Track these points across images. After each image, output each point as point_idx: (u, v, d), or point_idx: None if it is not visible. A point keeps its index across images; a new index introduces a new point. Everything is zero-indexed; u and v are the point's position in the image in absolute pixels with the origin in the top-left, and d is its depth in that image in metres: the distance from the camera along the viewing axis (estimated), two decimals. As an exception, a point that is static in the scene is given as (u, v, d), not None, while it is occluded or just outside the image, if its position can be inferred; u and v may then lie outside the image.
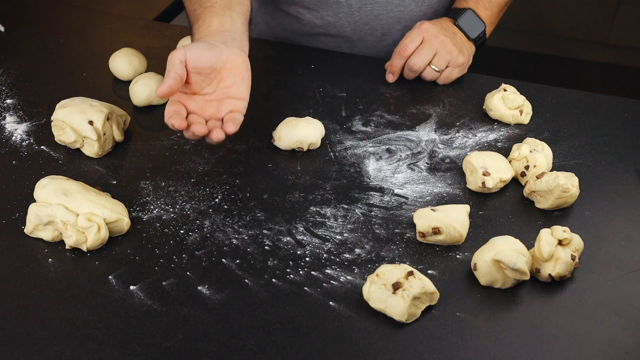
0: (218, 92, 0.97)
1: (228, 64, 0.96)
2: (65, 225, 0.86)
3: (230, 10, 1.03)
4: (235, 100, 0.98)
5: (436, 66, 1.19)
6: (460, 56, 1.19)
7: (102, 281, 0.84)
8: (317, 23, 1.32)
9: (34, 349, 0.76)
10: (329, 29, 1.33)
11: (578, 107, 1.18)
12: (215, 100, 0.97)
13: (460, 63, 1.20)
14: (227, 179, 1.01)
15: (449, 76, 1.21)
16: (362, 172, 1.03)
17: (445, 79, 1.21)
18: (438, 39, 1.17)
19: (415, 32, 1.19)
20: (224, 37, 0.99)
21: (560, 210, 0.96)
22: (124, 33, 1.37)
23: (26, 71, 1.24)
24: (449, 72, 1.20)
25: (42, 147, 1.06)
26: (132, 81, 1.16)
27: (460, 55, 1.19)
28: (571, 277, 0.86)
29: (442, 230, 0.89)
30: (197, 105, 0.96)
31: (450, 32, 1.20)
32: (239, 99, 0.98)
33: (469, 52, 1.22)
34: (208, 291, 0.83)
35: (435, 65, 1.19)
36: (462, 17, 1.22)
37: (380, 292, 0.80)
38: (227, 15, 1.02)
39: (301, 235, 0.92)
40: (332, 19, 1.30)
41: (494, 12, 1.25)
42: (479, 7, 1.24)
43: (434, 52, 1.18)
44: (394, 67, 1.20)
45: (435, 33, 1.18)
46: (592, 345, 0.79)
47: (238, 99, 0.98)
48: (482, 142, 1.09)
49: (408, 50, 1.18)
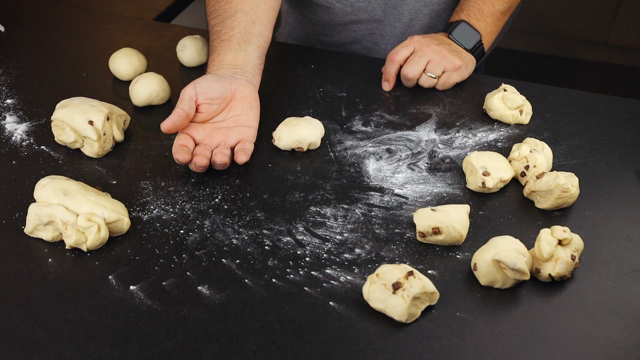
0: (227, 120, 1.03)
1: (237, 94, 1.02)
2: (65, 225, 0.86)
3: (247, 44, 1.07)
4: (245, 128, 1.03)
5: (431, 72, 1.17)
6: (456, 60, 1.18)
7: (102, 281, 0.84)
8: (347, 10, 1.32)
9: (34, 349, 0.76)
10: (360, 14, 1.33)
11: (578, 107, 1.18)
12: (224, 127, 1.03)
13: (458, 66, 1.18)
14: (227, 179, 1.01)
15: (447, 81, 1.19)
16: (362, 172, 1.03)
17: (444, 84, 1.19)
18: (430, 47, 1.17)
19: (406, 42, 1.19)
20: (234, 70, 1.04)
21: (560, 210, 0.96)
22: (124, 33, 1.37)
23: (26, 71, 1.24)
24: (446, 76, 1.18)
25: (42, 147, 1.06)
26: (132, 81, 1.16)
27: (457, 59, 1.18)
28: (571, 277, 0.86)
29: (442, 230, 0.89)
30: (205, 134, 1.02)
31: (444, 42, 1.20)
32: (248, 126, 1.04)
33: (468, 59, 1.21)
34: (208, 291, 0.83)
35: (430, 72, 1.17)
36: (455, 30, 1.22)
37: (380, 292, 0.80)
38: (242, 50, 1.06)
39: (301, 235, 0.92)
40: (362, 4, 1.31)
41: (487, 22, 1.24)
42: (471, 18, 1.23)
43: (427, 60, 1.17)
44: (388, 73, 1.20)
45: (426, 42, 1.18)
46: (592, 345, 0.79)
47: (247, 127, 1.04)
48: (482, 142, 1.09)
49: (399, 55, 1.18)
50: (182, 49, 1.25)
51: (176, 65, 1.27)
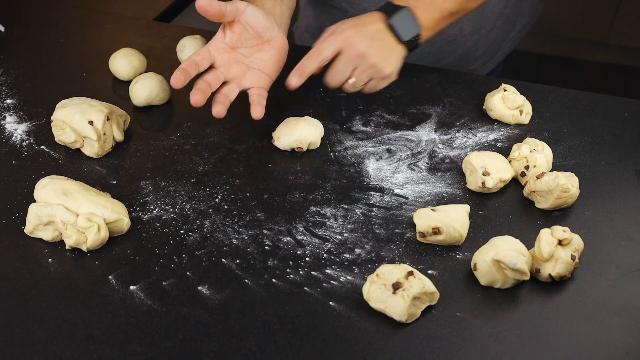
0: (252, 59, 1.02)
1: (273, 41, 1.02)
2: (65, 225, 0.86)
3: (281, 1, 1.07)
4: (265, 76, 1.03)
5: (357, 80, 1.03)
6: (385, 67, 1.02)
7: (102, 281, 0.84)
8: None
9: (34, 349, 0.76)
10: None
11: (578, 107, 1.18)
12: (246, 65, 1.02)
13: (386, 75, 1.03)
14: (227, 179, 1.01)
15: (373, 88, 1.06)
16: (362, 172, 1.03)
17: (370, 90, 1.06)
18: (358, 52, 1.00)
19: (333, 39, 1.01)
20: (275, 19, 1.03)
21: (560, 210, 0.96)
22: (124, 33, 1.37)
23: (26, 71, 1.24)
24: (373, 84, 1.05)
25: (42, 147, 1.06)
26: (132, 81, 1.16)
27: (386, 66, 1.02)
28: (571, 277, 0.86)
29: (442, 230, 0.89)
30: (225, 61, 1.01)
31: (375, 38, 1.01)
32: (268, 75, 1.03)
33: (397, 59, 1.04)
34: (208, 291, 0.83)
35: (356, 79, 1.03)
36: (396, 15, 1.03)
37: (380, 292, 0.80)
38: (278, 4, 1.06)
39: (301, 235, 0.92)
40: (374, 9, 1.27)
41: (434, 16, 1.06)
42: (419, 7, 1.04)
43: (353, 67, 1.02)
44: (305, 68, 1.01)
45: (356, 41, 1.00)
46: (592, 345, 0.79)
47: (267, 75, 1.03)
48: (482, 142, 1.09)
49: (325, 54, 1.00)
50: (182, 49, 1.25)
51: (176, 65, 1.26)
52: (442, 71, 1.26)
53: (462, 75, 1.25)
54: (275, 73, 1.04)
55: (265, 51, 1.02)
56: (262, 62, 1.02)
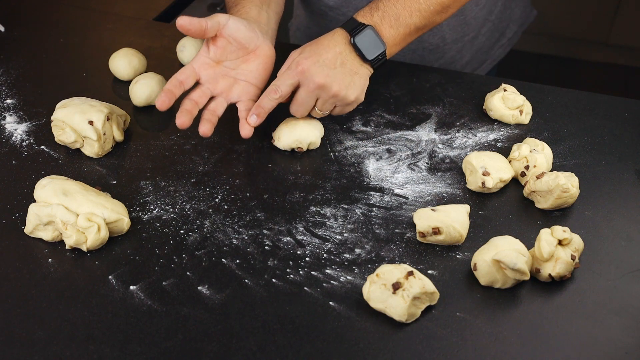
0: (238, 71, 1.02)
1: (259, 50, 1.01)
2: (65, 225, 0.86)
3: (267, 7, 1.06)
4: (252, 87, 1.02)
5: (320, 109, 1.03)
6: (348, 94, 1.00)
7: (102, 281, 0.84)
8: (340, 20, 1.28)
9: (34, 349, 0.76)
10: None
11: (578, 107, 1.18)
12: (232, 77, 1.01)
13: (350, 101, 1.01)
14: (227, 179, 1.01)
15: (341, 112, 1.05)
16: (362, 172, 1.03)
17: (339, 114, 1.06)
18: (317, 84, 0.97)
19: (289, 74, 0.99)
20: (260, 27, 1.02)
21: (560, 210, 0.96)
22: (124, 33, 1.37)
23: (26, 71, 1.24)
24: (339, 110, 1.04)
25: (42, 147, 1.06)
26: (132, 81, 1.16)
27: (349, 93, 1.00)
28: (571, 277, 0.86)
29: (442, 230, 0.89)
30: (211, 76, 1.00)
31: (336, 64, 0.99)
32: (256, 86, 1.02)
33: (361, 82, 1.02)
34: (208, 291, 0.83)
35: (319, 109, 1.03)
36: (360, 35, 1.00)
37: (380, 292, 0.80)
38: (264, 10, 1.05)
39: (301, 235, 0.92)
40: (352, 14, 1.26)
41: (400, 32, 1.03)
42: (384, 23, 1.02)
43: (315, 98, 1.00)
44: (262, 107, 1.00)
45: (312, 75, 0.97)
46: (592, 345, 0.79)
47: (255, 86, 1.02)
48: (482, 142, 1.09)
49: (279, 91, 0.99)
50: (182, 49, 1.25)
51: (176, 65, 1.27)
52: (442, 71, 1.26)
53: (462, 75, 1.25)
54: (263, 82, 1.04)
55: (251, 61, 1.02)
56: (249, 72, 1.02)
